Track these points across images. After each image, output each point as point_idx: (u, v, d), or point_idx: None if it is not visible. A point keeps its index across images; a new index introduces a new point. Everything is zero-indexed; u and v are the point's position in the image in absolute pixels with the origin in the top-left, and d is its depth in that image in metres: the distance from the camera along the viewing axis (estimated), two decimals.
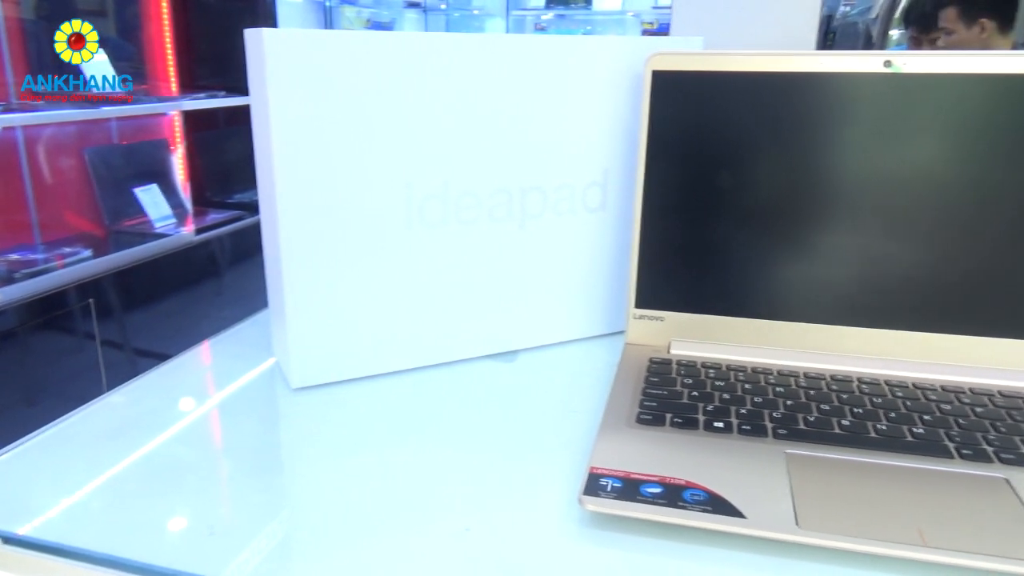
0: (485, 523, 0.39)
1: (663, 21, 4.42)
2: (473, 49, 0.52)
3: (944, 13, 1.90)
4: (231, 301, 2.23)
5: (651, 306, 0.58)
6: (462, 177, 0.54)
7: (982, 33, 1.85)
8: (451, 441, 0.48)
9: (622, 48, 0.57)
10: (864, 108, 0.53)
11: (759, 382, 0.51)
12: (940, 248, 0.53)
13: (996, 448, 0.43)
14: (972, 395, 0.49)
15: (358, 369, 0.55)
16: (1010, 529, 0.37)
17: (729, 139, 0.55)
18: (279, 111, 0.48)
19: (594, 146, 0.58)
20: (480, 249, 0.56)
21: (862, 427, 0.45)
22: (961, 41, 1.86)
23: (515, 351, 0.61)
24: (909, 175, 0.53)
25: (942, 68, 0.51)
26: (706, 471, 0.41)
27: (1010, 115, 0.51)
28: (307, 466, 0.45)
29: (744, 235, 0.56)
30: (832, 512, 0.38)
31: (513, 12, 4.95)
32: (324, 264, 0.52)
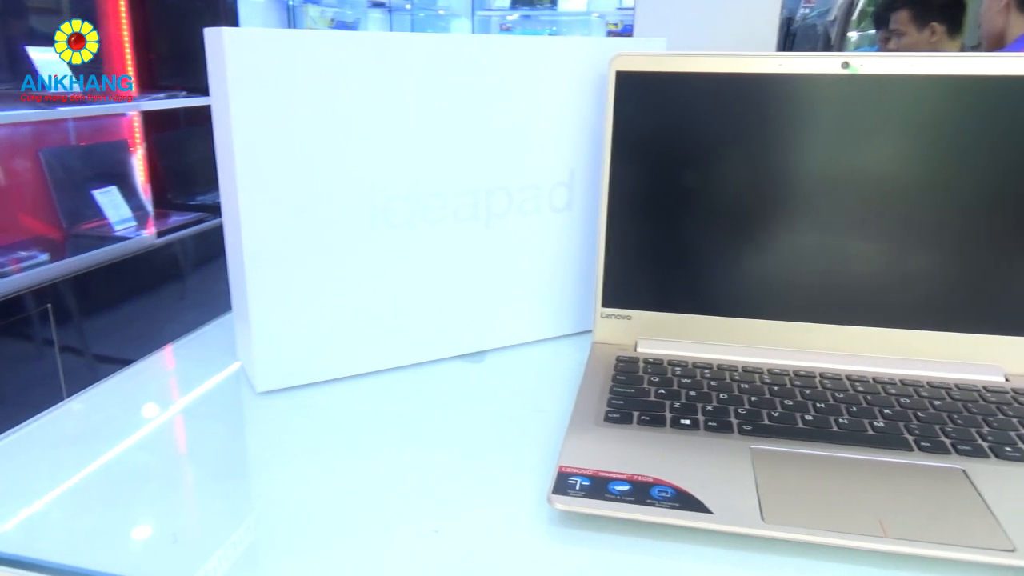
0: (454, 524, 0.39)
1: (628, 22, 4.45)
2: (438, 49, 0.52)
3: (897, 16, 1.96)
4: (194, 305, 2.20)
5: (618, 305, 0.58)
6: (427, 178, 0.54)
7: (932, 36, 1.92)
8: (419, 443, 0.48)
9: (587, 49, 0.58)
10: (823, 108, 0.54)
11: (724, 379, 0.52)
12: (898, 245, 0.54)
13: (953, 440, 0.44)
14: (930, 389, 0.50)
15: (324, 372, 0.55)
16: (967, 518, 0.38)
17: (692, 139, 0.56)
18: (240, 112, 0.47)
19: (560, 146, 0.59)
20: (446, 250, 0.56)
21: (824, 422, 0.46)
22: (913, 44, 1.92)
23: (483, 351, 0.60)
24: (867, 174, 0.54)
25: (898, 69, 0.52)
26: (673, 468, 0.41)
27: (961, 115, 0.52)
28: (273, 471, 0.45)
29: (708, 234, 0.57)
30: (796, 506, 0.38)
31: (478, 12, 4.94)
32: (288, 266, 0.51)
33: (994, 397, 0.49)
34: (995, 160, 0.52)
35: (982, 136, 0.52)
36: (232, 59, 0.46)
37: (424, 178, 0.54)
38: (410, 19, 4.96)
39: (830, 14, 1.99)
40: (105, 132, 2.25)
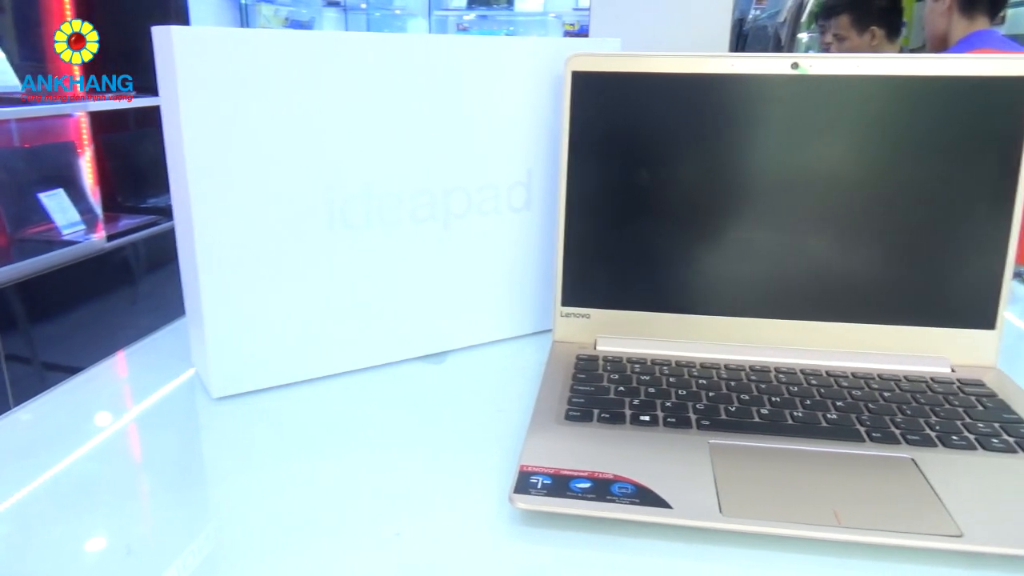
0: (415, 527, 0.39)
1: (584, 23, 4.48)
2: (394, 49, 0.52)
3: (838, 21, 2.02)
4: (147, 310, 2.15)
5: (577, 304, 0.58)
6: (384, 178, 0.54)
7: (872, 40, 1.99)
8: (379, 446, 0.47)
9: (544, 49, 0.58)
10: (773, 108, 0.55)
11: (683, 375, 0.52)
12: (847, 242, 0.55)
13: (903, 430, 0.45)
14: (880, 381, 0.52)
15: (281, 376, 0.54)
16: (917, 506, 0.39)
17: (647, 138, 0.56)
18: (190, 113, 0.46)
19: (517, 146, 0.59)
20: (404, 250, 0.56)
21: (780, 415, 0.47)
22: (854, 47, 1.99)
23: (443, 352, 0.60)
24: (816, 172, 0.55)
25: (845, 70, 0.53)
26: (633, 464, 0.41)
27: (905, 114, 0.54)
28: (231, 478, 0.44)
29: (664, 232, 0.57)
30: (753, 498, 0.39)
31: (435, 12, 4.93)
32: (242, 269, 0.50)
33: (941, 388, 0.51)
34: (938, 158, 0.54)
35: (925, 134, 0.54)
36: (182, 58, 0.45)
37: (381, 179, 0.54)
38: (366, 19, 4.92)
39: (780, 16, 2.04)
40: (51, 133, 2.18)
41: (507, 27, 5.04)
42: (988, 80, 0.52)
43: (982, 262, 0.54)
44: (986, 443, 0.44)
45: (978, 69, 0.52)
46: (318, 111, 0.50)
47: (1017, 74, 0.52)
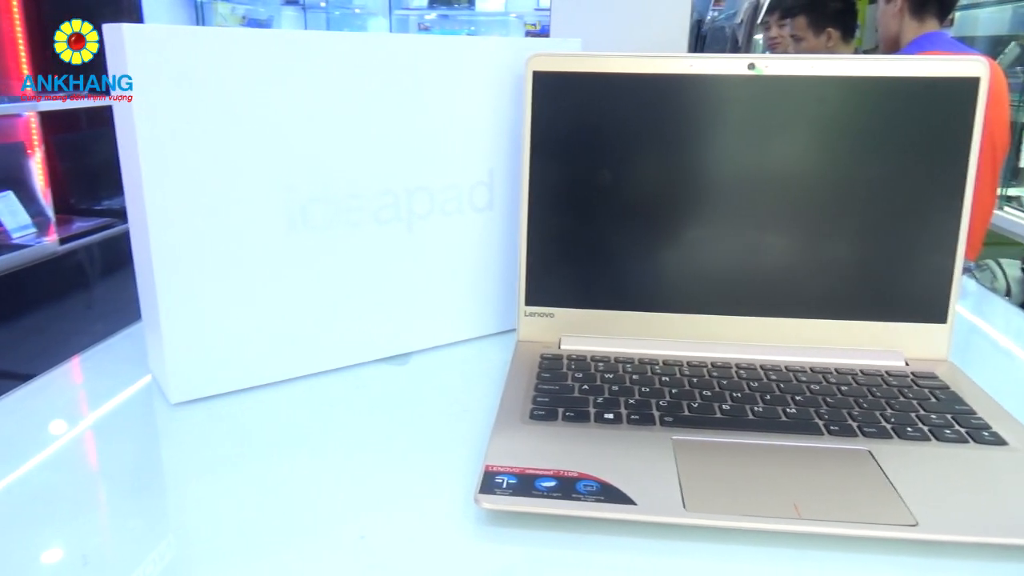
0: (380, 530, 0.39)
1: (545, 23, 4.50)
2: (354, 48, 0.52)
3: (795, 22, 2.07)
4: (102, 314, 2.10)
5: (541, 303, 0.59)
6: (346, 179, 0.53)
7: (828, 41, 2.04)
8: (343, 449, 0.47)
9: (505, 49, 0.58)
10: (731, 108, 0.56)
11: (646, 372, 0.53)
12: (804, 239, 0.56)
13: (860, 423, 0.46)
14: (838, 375, 0.53)
15: (242, 380, 0.53)
16: (874, 497, 0.40)
17: (608, 138, 0.57)
18: (143, 113, 0.45)
19: (479, 146, 0.59)
20: (367, 251, 0.56)
21: (741, 410, 0.48)
22: (810, 48, 2.04)
23: (407, 353, 0.60)
24: (773, 170, 0.56)
25: (799, 71, 0.54)
26: (598, 462, 0.42)
27: (858, 113, 0.55)
28: (190, 485, 0.43)
29: (626, 231, 0.58)
30: (716, 493, 0.40)
31: (396, 11, 4.90)
32: (200, 272, 0.49)
33: (895, 381, 0.52)
34: (890, 156, 0.55)
35: (877, 134, 0.55)
36: (134, 57, 0.44)
37: (342, 179, 0.53)
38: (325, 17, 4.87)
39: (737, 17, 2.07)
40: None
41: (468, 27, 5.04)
42: (937, 80, 0.54)
43: (933, 258, 0.55)
44: (939, 434, 0.45)
45: (928, 70, 0.54)
46: (277, 111, 0.49)
47: (965, 75, 0.53)
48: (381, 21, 4.90)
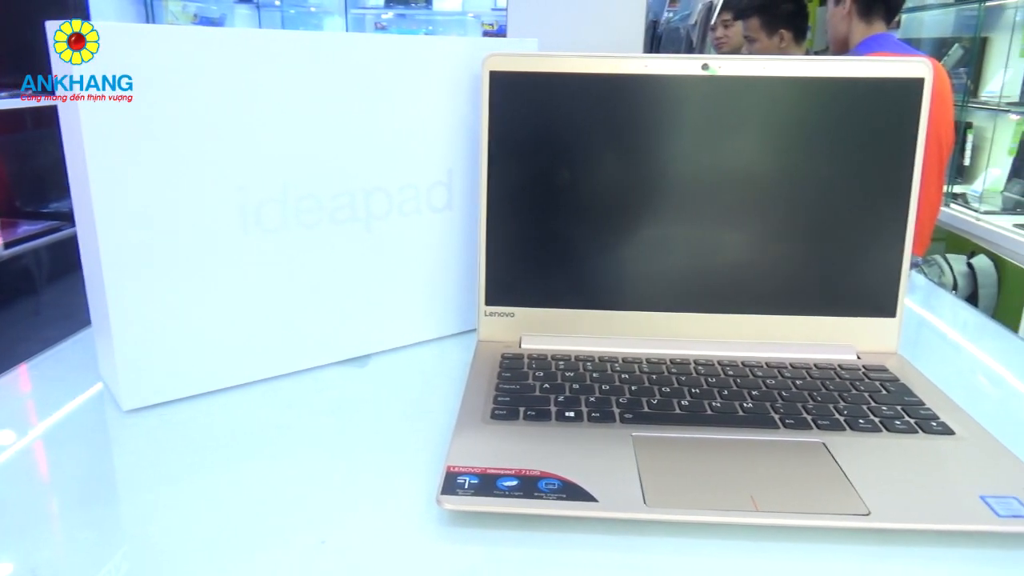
0: (341, 534, 0.38)
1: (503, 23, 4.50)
2: (310, 47, 0.51)
3: (748, 23, 2.11)
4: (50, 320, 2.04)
5: (501, 303, 0.59)
6: (302, 179, 0.53)
7: (781, 42, 2.08)
8: (301, 453, 0.46)
9: (462, 49, 0.58)
10: (686, 107, 0.56)
11: (606, 370, 0.53)
12: (757, 236, 0.58)
13: (814, 416, 0.47)
14: (792, 369, 0.54)
15: (196, 385, 0.52)
16: (828, 488, 0.40)
17: (565, 138, 0.57)
18: (90, 112, 0.44)
19: (437, 146, 0.59)
20: (324, 253, 0.55)
21: (699, 406, 0.49)
22: (763, 49, 2.09)
23: (367, 356, 0.59)
24: (727, 169, 0.57)
25: (752, 71, 0.55)
26: (559, 460, 0.42)
27: (809, 113, 0.56)
28: (144, 494, 0.42)
29: (584, 230, 0.58)
30: (675, 488, 0.40)
31: (352, 10, 4.85)
32: (151, 275, 0.48)
33: (848, 374, 0.53)
34: (840, 155, 0.56)
35: (827, 133, 0.56)
36: None
37: (298, 180, 0.52)
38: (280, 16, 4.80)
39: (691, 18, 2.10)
40: None
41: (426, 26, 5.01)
42: (884, 81, 0.55)
43: (882, 254, 0.57)
44: (890, 425, 0.46)
45: (875, 71, 0.55)
46: (229, 111, 0.49)
47: (910, 76, 0.55)
48: (337, 20, 4.85)
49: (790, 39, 2.08)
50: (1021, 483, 0.40)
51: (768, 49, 2.08)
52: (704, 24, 1.38)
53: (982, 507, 0.38)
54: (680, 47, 1.43)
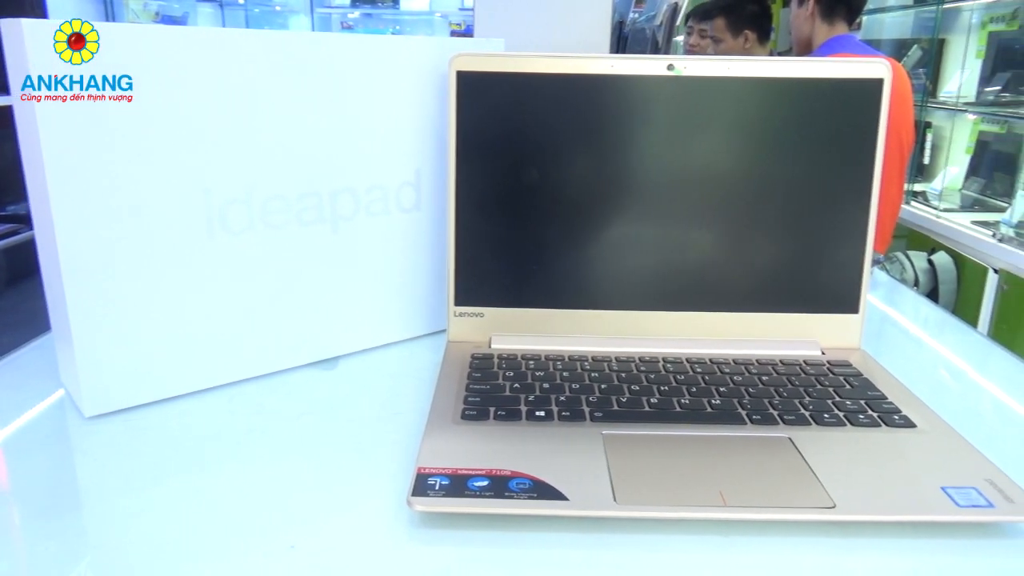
0: (311, 538, 0.38)
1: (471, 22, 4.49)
2: (275, 47, 0.50)
3: (714, 23, 2.14)
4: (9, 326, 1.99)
5: (471, 303, 0.59)
6: (267, 180, 0.52)
7: (746, 43, 2.12)
8: (270, 457, 0.46)
9: (429, 48, 0.58)
10: (652, 107, 0.57)
11: (576, 369, 0.53)
12: (723, 235, 0.58)
13: (780, 411, 0.48)
14: (759, 365, 0.55)
15: (161, 390, 0.51)
16: (794, 482, 0.41)
17: (533, 137, 0.57)
18: (47, 112, 0.43)
19: (405, 146, 0.58)
20: (291, 255, 0.54)
21: (668, 403, 0.49)
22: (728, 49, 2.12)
23: (335, 358, 0.59)
24: (693, 169, 0.58)
25: (716, 72, 0.56)
26: (530, 459, 0.42)
27: (772, 113, 0.57)
28: (109, 502, 0.41)
29: (553, 230, 0.58)
30: (645, 485, 0.40)
31: (318, 9, 4.81)
32: (113, 279, 0.47)
33: (813, 370, 0.54)
34: (802, 154, 0.57)
35: (790, 132, 0.57)
36: (34, 53, 0.42)
37: (264, 181, 0.52)
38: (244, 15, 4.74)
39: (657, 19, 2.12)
40: None
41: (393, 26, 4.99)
42: (844, 82, 0.56)
43: (845, 251, 0.58)
44: (853, 419, 0.47)
45: (835, 71, 0.56)
46: (193, 111, 0.48)
47: (869, 76, 0.56)
48: (303, 19, 4.81)
49: (754, 40, 2.11)
50: (980, 474, 0.41)
51: (733, 49, 2.11)
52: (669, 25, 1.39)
53: (943, 498, 0.39)
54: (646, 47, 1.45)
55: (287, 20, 4.91)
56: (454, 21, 4.80)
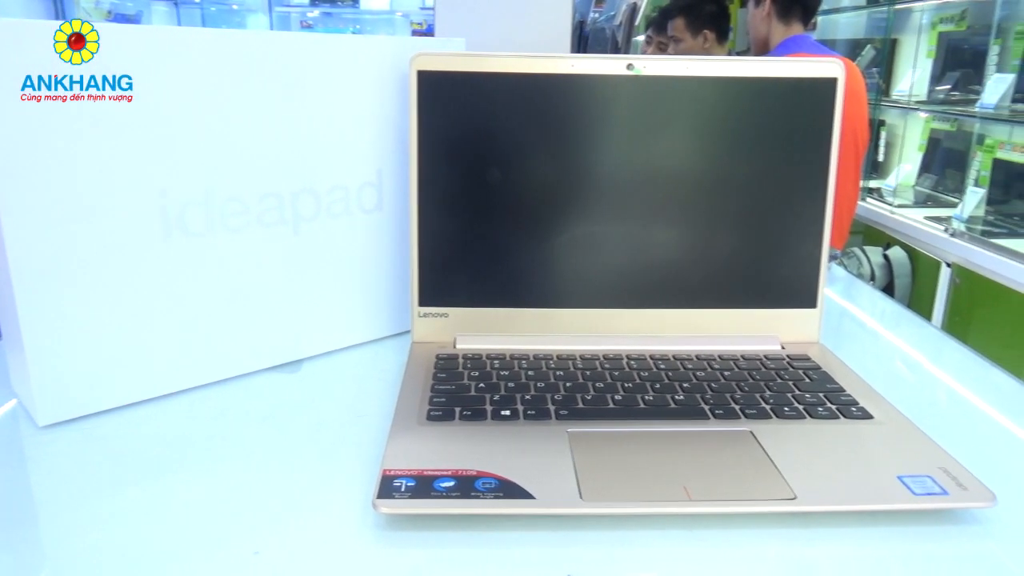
0: (275, 544, 0.38)
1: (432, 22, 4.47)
2: (232, 46, 0.50)
3: (673, 24, 2.17)
4: None
5: (435, 303, 0.58)
6: (226, 182, 0.51)
7: (705, 43, 2.15)
8: (233, 462, 0.45)
9: (390, 48, 0.57)
10: (612, 106, 0.57)
11: (541, 368, 0.54)
12: (684, 233, 0.59)
13: (742, 406, 0.49)
14: (721, 361, 0.55)
15: (119, 397, 0.50)
16: (756, 475, 0.42)
17: (494, 137, 0.57)
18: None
19: (366, 146, 0.58)
20: (252, 257, 0.54)
21: (632, 400, 0.49)
22: (688, 48, 2.15)
23: (298, 361, 0.58)
24: (653, 168, 0.58)
25: (675, 71, 0.57)
26: (496, 459, 0.42)
27: (730, 112, 0.58)
28: (66, 513, 0.40)
29: (515, 229, 0.58)
30: (611, 482, 0.41)
31: (277, 8, 4.75)
32: (66, 284, 0.46)
33: (773, 364, 0.55)
34: (760, 152, 0.58)
35: (748, 131, 0.58)
36: None
37: (223, 183, 0.51)
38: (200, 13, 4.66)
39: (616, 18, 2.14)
40: None
41: (353, 25, 4.95)
42: (800, 81, 0.57)
43: (802, 247, 0.59)
44: (813, 412, 0.48)
45: (791, 71, 0.57)
46: (148, 110, 0.47)
47: (824, 75, 0.57)
48: (261, 18, 4.74)
49: (713, 40, 2.14)
50: (935, 463, 0.42)
51: (693, 49, 2.14)
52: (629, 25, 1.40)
53: (899, 487, 0.40)
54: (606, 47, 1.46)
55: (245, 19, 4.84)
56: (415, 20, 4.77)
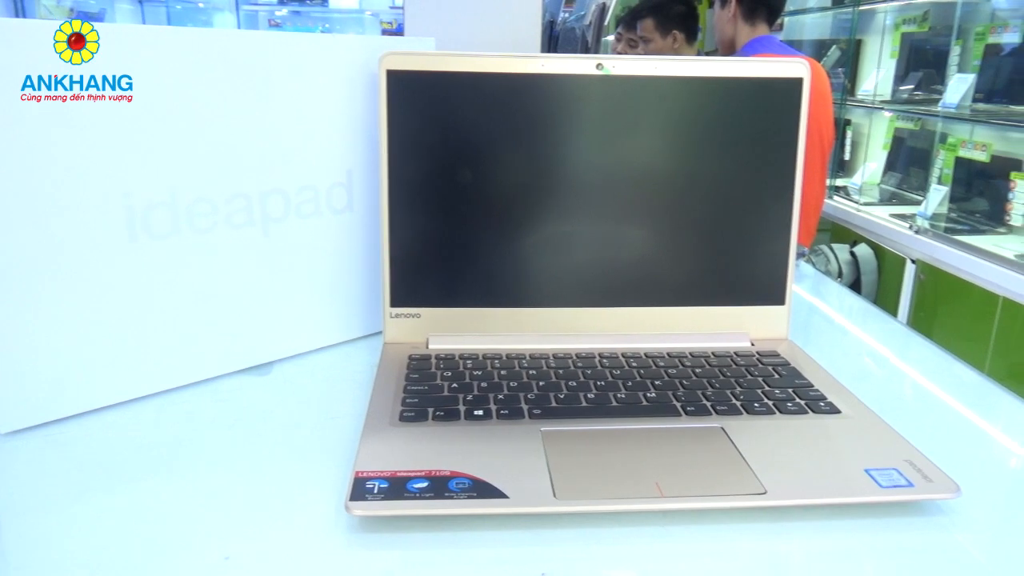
0: (246, 549, 0.37)
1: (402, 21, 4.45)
2: (199, 44, 0.49)
3: (643, 24, 2.19)
4: None
5: (407, 304, 0.58)
6: (193, 183, 0.50)
7: (674, 43, 2.17)
8: (202, 467, 0.44)
9: (359, 47, 0.57)
10: (582, 106, 0.58)
11: (514, 367, 0.54)
12: (654, 231, 0.59)
13: (713, 402, 0.49)
14: (692, 358, 0.56)
15: (84, 402, 0.49)
16: (727, 471, 0.42)
17: (464, 137, 0.57)
18: None
19: (335, 146, 0.57)
20: (220, 259, 0.53)
21: (605, 398, 0.50)
22: (658, 49, 2.17)
23: (269, 363, 0.58)
24: (623, 167, 0.59)
25: (644, 71, 0.57)
26: (469, 459, 0.42)
27: (698, 111, 0.58)
28: (29, 521, 0.39)
29: (487, 229, 0.58)
30: (584, 480, 0.41)
31: (244, 7, 4.69)
32: (26, 288, 0.45)
33: (743, 361, 0.56)
34: (728, 151, 0.59)
35: (716, 130, 0.59)
36: None
37: (190, 183, 0.50)
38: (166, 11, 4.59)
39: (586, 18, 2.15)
40: None
41: (322, 24, 4.91)
42: (766, 81, 0.58)
43: (771, 245, 0.59)
44: (782, 407, 0.49)
45: (757, 71, 0.58)
46: (110, 110, 0.46)
47: (789, 75, 0.58)
48: (227, 16, 4.68)
49: (683, 40, 2.16)
50: (900, 456, 0.43)
51: (663, 49, 2.15)
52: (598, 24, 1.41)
53: (867, 480, 0.41)
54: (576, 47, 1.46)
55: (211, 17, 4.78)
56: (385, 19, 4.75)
